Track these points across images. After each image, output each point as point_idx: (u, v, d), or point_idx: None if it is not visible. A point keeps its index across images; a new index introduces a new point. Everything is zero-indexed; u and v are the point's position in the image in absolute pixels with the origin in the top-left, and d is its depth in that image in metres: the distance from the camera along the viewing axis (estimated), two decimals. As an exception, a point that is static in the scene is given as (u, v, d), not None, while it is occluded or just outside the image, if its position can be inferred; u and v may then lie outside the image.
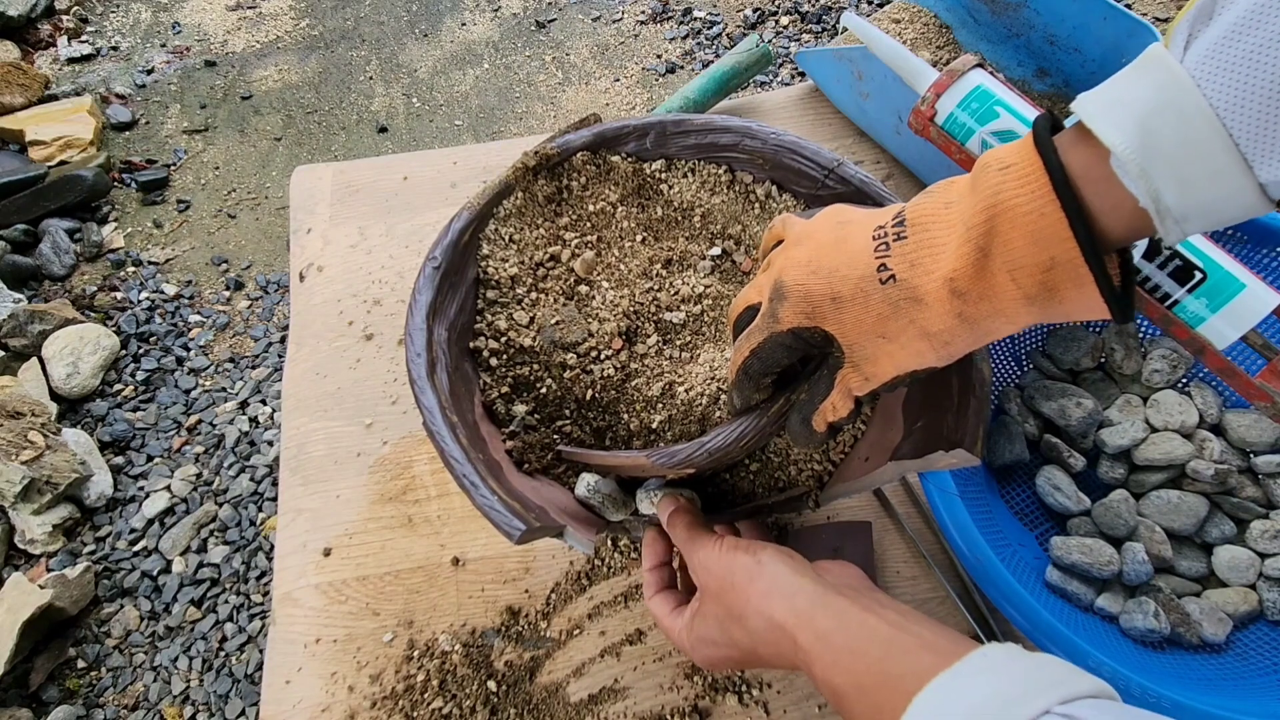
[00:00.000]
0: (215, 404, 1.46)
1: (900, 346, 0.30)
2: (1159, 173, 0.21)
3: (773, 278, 0.33)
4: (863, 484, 0.41)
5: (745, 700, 0.48)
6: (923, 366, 0.30)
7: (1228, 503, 0.49)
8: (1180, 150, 0.21)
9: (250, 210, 1.77)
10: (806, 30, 2.09)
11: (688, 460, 0.37)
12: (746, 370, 0.35)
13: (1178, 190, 0.21)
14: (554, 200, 0.50)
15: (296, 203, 0.73)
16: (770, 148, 0.49)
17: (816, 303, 0.31)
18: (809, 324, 0.31)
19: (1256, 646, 0.45)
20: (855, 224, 0.31)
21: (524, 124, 1.92)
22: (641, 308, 0.47)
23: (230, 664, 1.18)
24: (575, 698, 0.49)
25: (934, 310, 0.27)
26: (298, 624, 0.52)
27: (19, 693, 1.13)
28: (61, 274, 1.61)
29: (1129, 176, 0.22)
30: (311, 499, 0.57)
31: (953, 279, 0.26)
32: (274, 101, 1.98)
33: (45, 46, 2.06)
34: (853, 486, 0.41)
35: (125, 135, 1.90)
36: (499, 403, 0.45)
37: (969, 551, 0.43)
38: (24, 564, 1.25)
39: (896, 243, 0.28)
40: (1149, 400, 0.53)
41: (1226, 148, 0.21)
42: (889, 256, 0.28)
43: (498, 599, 0.53)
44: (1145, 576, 0.47)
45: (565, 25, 2.16)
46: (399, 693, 0.49)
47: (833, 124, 0.79)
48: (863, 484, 0.41)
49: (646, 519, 0.43)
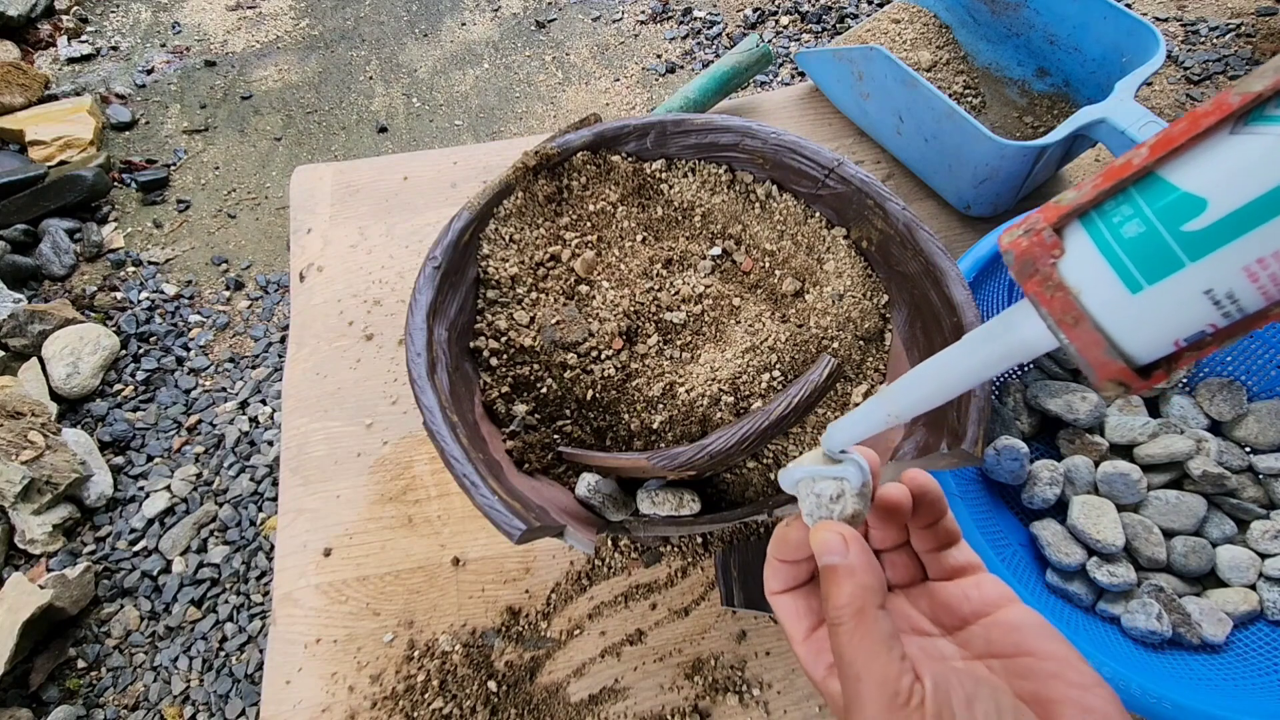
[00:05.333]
0: (215, 404, 1.46)
1: None
2: None
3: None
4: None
5: (745, 700, 0.48)
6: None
7: (1227, 503, 0.49)
8: None
9: (250, 210, 1.77)
10: (806, 30, 2.09)
11: (688, 463, 0.37)
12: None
13: None
14: (554, 200, 0.50)
15: (296, 203, 0.73)
16: (770, 147, 0.49)
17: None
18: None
19: (1256, 646, 0.45)
20: None
21: (524, 124, 1.92)
22: (642, 307, 0.47)
23: (230, 664, 1.18)
24: (575, 698, 0.49)
25: None
26: (298, 624, 0.52)
27: (19, 693, 1.13)
28: (61, 274, 1.61)
29: None
30: (311, 499, 0.57)
31: None
32: (274, 101, 1.98)
33: (45, 46, 2.06)
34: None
35: (125, 135, 1.90)
36: (499, 402, 0.45)
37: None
38: (24, 564, 1.25)
39: None
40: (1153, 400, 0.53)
41: None
42: None
43: (498, 599, 0.53)
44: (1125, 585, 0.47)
45: (565, 25, 2.16)
46: (399, 693, 0.49)
47: (833, 124, 0.79)
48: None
49: (648, 517, 0.43)
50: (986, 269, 0.51)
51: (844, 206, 0.48)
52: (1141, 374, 0.19)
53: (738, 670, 0.49)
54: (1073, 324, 0.19)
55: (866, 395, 0.45)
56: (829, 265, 0.48)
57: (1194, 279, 0.17)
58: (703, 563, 0.53)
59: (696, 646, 0.51)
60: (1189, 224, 0.17)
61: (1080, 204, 0.19)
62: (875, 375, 0.46)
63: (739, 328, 0.47)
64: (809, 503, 0.28)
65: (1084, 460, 0.51)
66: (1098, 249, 0.19)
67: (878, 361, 0.47)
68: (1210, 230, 0.17)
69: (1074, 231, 0.19)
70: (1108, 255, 0.18)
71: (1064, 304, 0.19)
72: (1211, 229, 0.17)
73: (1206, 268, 0.17)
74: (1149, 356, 0.19)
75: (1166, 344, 0.18)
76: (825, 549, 0.26)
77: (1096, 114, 0.59)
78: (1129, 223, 0.18)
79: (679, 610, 0.52)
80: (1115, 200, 0.19)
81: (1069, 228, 0.19)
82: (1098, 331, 0.19)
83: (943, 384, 0.24)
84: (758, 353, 0.44)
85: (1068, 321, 0.19)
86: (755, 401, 0.43)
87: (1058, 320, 0.19)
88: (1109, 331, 0.19)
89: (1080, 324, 0.19)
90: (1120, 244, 0.18)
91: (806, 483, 0.28)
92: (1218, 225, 0.17)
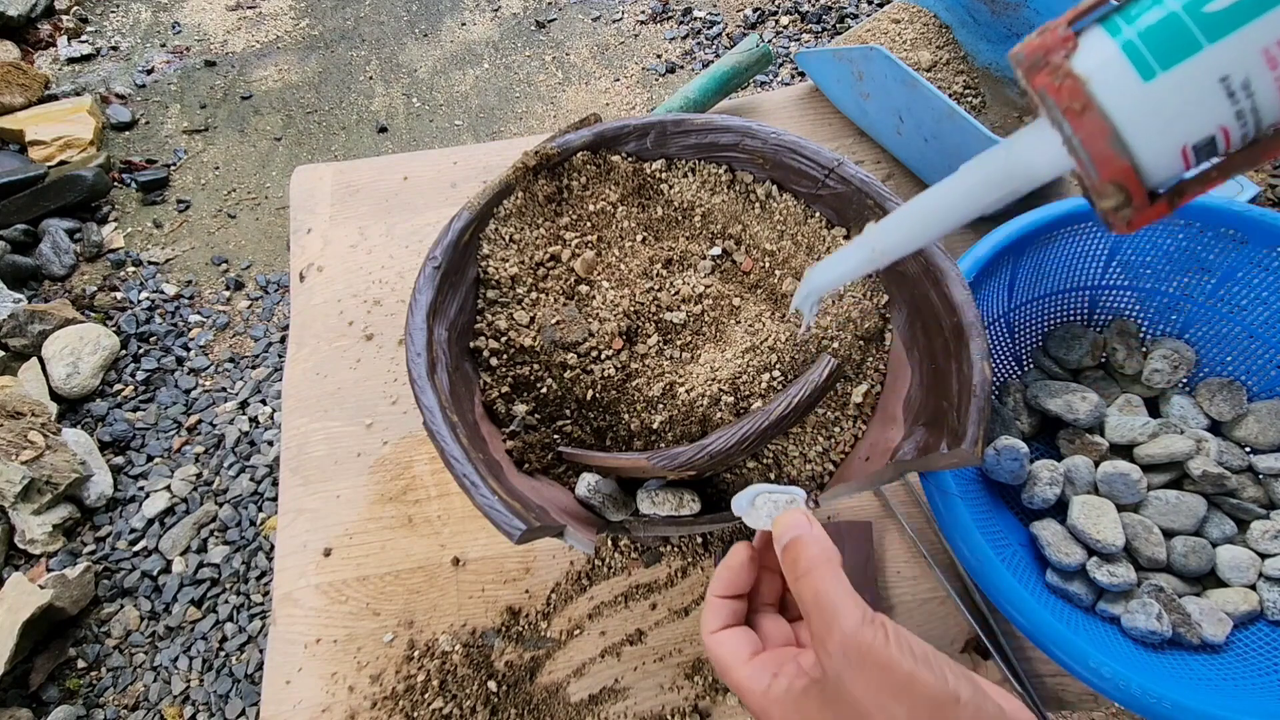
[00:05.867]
0: (215, 404, 1.46)
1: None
2: None
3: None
4: (863, 484, 0.41)
5: (745, 700, 0.48)
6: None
7: (1227, 503, 0.49)
8: None
9: (250, 210, 1.77)
10: (806, 30, 2.09)
11: (689, 463, 0.37)
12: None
13: None
14: (554, 200, 0.50)
15: (296, 203, 0.73)
16: (770, 147, 0.49)
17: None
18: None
19: (1256, 646, 0.45)
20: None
21: (524, 124, 1.92)
22: (642, 307, 0.47)
23: (230, 664, 1.18)
24: (575, 698, 0.49)
25: None
26: (298, 624, 0.52)
27: (19, 693, 1.13)
28: (61, 274, 1.61)
29: None
30: (311, 499, 0.57)
31: None
32: (274, 101, 1.98)
33: (45, 46, 2.06)
34: (853, 487, 0.41)
35: (125, 135, 1.90)
36: (499, 402, 0.45)
37: (969, 551, 0.43)
38: (24, 564, 1.25)
39: None
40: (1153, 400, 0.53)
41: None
42: None
43: (498, 599, 0.53)
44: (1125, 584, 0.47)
45: (565, 25, 2.16)
46: (399, 693, 0.49)
47: (833, 124, 0.79)
48: (863, 484, 0.41)
49: (648, 517, 0.43)
50: (987, 269, 0.51)
51: (844, 206, 0.48)
52: (1147, 199, 0.18)
53: None
54: (1079, 111, 0.18)
55: (866, 395, 0.45)
56: (829, 265, 0.48)
57: (1210, 64, 0.17)
58: (703, 563, 0.53)
59: (696, 646, 0.51)
60: (1211, 4, 0.17)
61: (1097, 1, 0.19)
62: (875, 375, 0.46)
63: (739, 328, 0.47)
64: (766, 509, 0.34)
65: (1084, 460, 0.51)
66: (1112, 38, 0.18)
67: (878, 361, 0.47)
68: (1232, 9, 0.16)
69: (1090, 30, 0.19)
70: (1122, 45, 0.18)
71: (1071, 91, 0.18)
72: (1233, 8, 0.16)
73: (1224, 50, 0.16)
74: (1155, 161, 0.18)
75: (1174, 151, 0.18)
76: (792, 526, 0.31)
77: (1096, 114, 0.59)
78: (1148, 11, 0.18)
79: (679, 610, 0.52)
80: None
81: (1086, 29, 0.19)
82: (1104, 119, 0.18)
83: (932, 217, 0.24)
84: (758, 353, 0.44)
85: (1074, 109, 0.18)
86: (755, 401, 0.43)
87: (1064, 109, 0.18)
88: (1115, 120, 0.18)
89: (1087, 111, 0.18)
90: (1137, 32, 0.18)
91: (764, 496, 0.34)
92: (1240, 3, 0.16)
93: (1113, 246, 0.55)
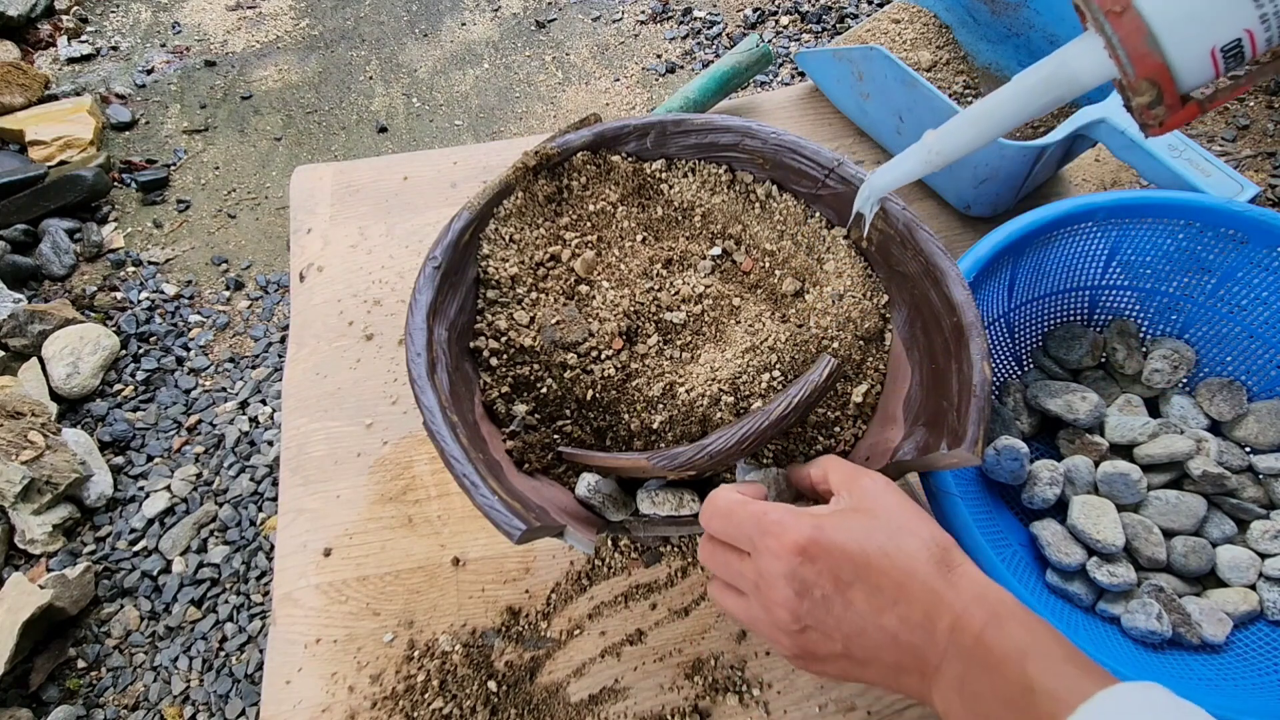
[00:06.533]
0: (215, 404, 1.46)
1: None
2: None
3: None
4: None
5: (745, 700, 0.48)
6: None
7: (1227, 503, 0.49)
8: None
9: (250, 210, 1.77)
10: (806, 30, 2.09)
11: (688, 463, 0.37)
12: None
13: None
14: (554, 200, 0.50)
15: (296, 203, 0.73)
16: (770, 147, 0.49)
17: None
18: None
19: (1256, 646, 0.45)
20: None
21: (524, 124, 1.92)
22: (642, 308, 0.47)
23: (230, 664, 1.18)
24: (575, 698, 0.49)
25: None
26: (298, 624, 0.52)
27: (19, 693, 1.13)
28: (61, 274, 1.61)
29: None
30: (311, 499, 0.57)
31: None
32: (274, 101, 1.98)
33: (45, 46, 2.06)
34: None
35: (125, 135, 1.90)
36: (499, 402, 0.45)
37: (969, 551, 0.43)
38: (24, 564, 1.25)
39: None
40: (1153, 400, 0.53)
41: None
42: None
43: (498, 599, 0.53)
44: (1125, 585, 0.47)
45: (565, 25, 2.16)
46: (399, 693, 0.49)
47: (833, 124, 0.79)
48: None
49: (648, 517, 0.43)
50: (987, 269, 0.51)
51: (844, 206, 0.48)
52: (1180, 101, 0.21)
53: (738, 670, 0.50)
54: (1119, 13, 0.21)
55: (866, 395, 0.45)
56: (829, 265, 0.48)
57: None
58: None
59: (696, 646, 0.51)
60: None
61: None
62: (875, 375, 0.46)
63: (739, 328, 0.47)
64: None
65: (1084, 460, 0.51)
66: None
67: (878, 361, 0.47)
68: None
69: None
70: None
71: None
72: None
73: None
74: (1186, 61, 0.20)
75: (1204, 52, 0.20)
76: (710, 501, 0.36)
77: (1096, 114, 0.59)
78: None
79: (679, 610, 0.52)
80: None
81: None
82: (1140, 20, 0.20)
83: (986, 122, 0.27)
84: (758, 353, 0.44)
85: (1115, 11, 0.21)
86: (755, 401, 0.43)
87: (1106, 11, 0.21)
88: (1151, 20, 0.20)
89: (1126, 12, 0.21)
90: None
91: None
92: None
93: (1113, 246, 0.55)
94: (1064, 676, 0.26)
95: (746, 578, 0.33)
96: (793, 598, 0.30)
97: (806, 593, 0.30)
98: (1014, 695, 0.26)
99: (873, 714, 0.48)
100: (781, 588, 0.30)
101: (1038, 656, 0.26)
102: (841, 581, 0.30)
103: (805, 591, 0.30)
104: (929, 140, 0.29)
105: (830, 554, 0.30)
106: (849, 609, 0.30)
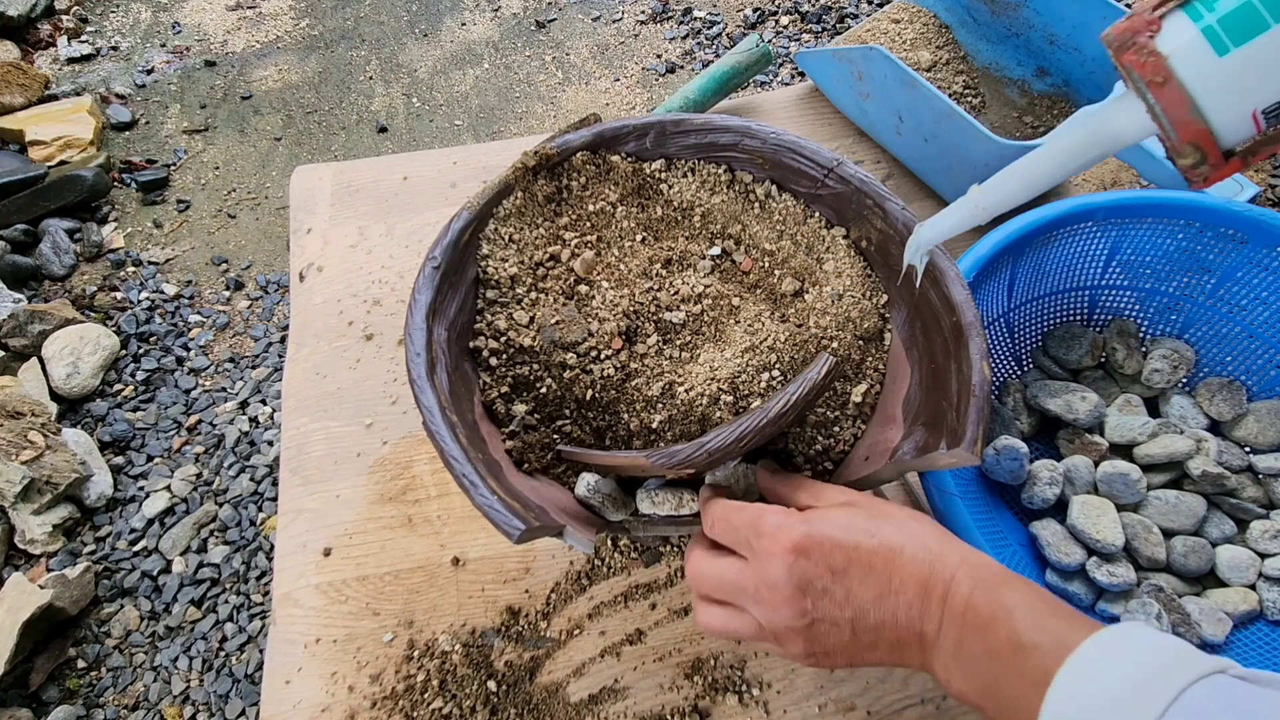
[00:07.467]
0: (215, 404, 1.46)
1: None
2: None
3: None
4: (862, 484, 0.41)
5: (745, 700, 0.48)
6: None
7: (1227, 503, 0.49)
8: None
9: (250, 210, 1.77)
10: (806, 30, 2.09)
11: (687, 461, 0.37)
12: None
13: None
14: (554, 200, 0.50)
15: (296, 203, 0.73)
16: (770, 147, 0.49)
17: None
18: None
19: (1256, 646, 0.45)
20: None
21: (524, 124, 1.92)
22: (641, 307, 0.47)
23: (230, 664, 1.18)
24: (575, 698, 0.49)
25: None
26: (298, 624, 0.52)
27: (19, 693, 1.13)
28: (61, 274, 1.61)
29: None
30: (311, 499, 0.57)
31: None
32: (274, 101, 1.98)
33: (45, 46, 2.06)
34: (852, 486, 0.41)
35: (125, 135, 1.90)
36: (499, 402, 0.45)
37: (969, 551, 0.43)
38: (24, 564, 1.25)
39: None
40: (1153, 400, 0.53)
41: None
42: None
43: (498, 599, 0.53)
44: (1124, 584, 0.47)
45: (565, 25, 2.16)
46: (399, 693, 0.49)
47: (833, 124, 0.79)
48: (862, 484, 0.41)
49: (647, 517, 0.43)
50: (987, 269, 0.51)
51: (843, 206, 0.48)
52: (1223, 159, 0.22)
53: (737, 670, 0.50)
54: (1161, 84, 0.21)
55: (865, 394, 0.45)
56: (828, 265, 0.48)
57: (1277, 39, 0.20)
58: (702, 563, 0.53)
59: (696, 646, 0.51)
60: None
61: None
62: (874, 374, 0.46)
63: (738, 327, 0.47)
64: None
65: (1084, 460, 0.51)
66: (1192, 21, 0.21)
67: (877, 361, 0.47)
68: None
69: (1172, 15, 0.22)
70: (1201, 27, 0.21)
71: (1155, 66, 0.21)
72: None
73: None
74: (1228, 124, 0.21)
75: (1245, 115, 0.21)
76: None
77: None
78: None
79: (679, 610, 0.52)
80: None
81: (1169, 14, 0.22)
82: (1183, 90, 0.21)
83: (1030, 178, 0.28)
84: (757, 352, 0.44)
85: (1156, 81, 0.21)
86: (755, 401, 0.43)
87: (1148, 81, 0.22)
88: (1192, 90, 0.21)
89: (1168, 83, 0.21)
90: (1215, 15, 0.21)
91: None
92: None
93: (1112, 246, 0.55)
94: (1050, 631, 0.27)
95: (745, 587, 0.33)
96: (796, 594, 0.31)
97: (808, 587, 0.31)
98: (1005, 653, 0.27)
99: (873, 714, 0.48)
100: (783, 587, 0.31)
101: (1024, 613, 0.28)
102: (837, 570, 0.31)
103: (807, 586, 0.31)
104: (974, 195, 0.31)
105: (822, 545, 0.31)
106: (849, 595, 0.31)
